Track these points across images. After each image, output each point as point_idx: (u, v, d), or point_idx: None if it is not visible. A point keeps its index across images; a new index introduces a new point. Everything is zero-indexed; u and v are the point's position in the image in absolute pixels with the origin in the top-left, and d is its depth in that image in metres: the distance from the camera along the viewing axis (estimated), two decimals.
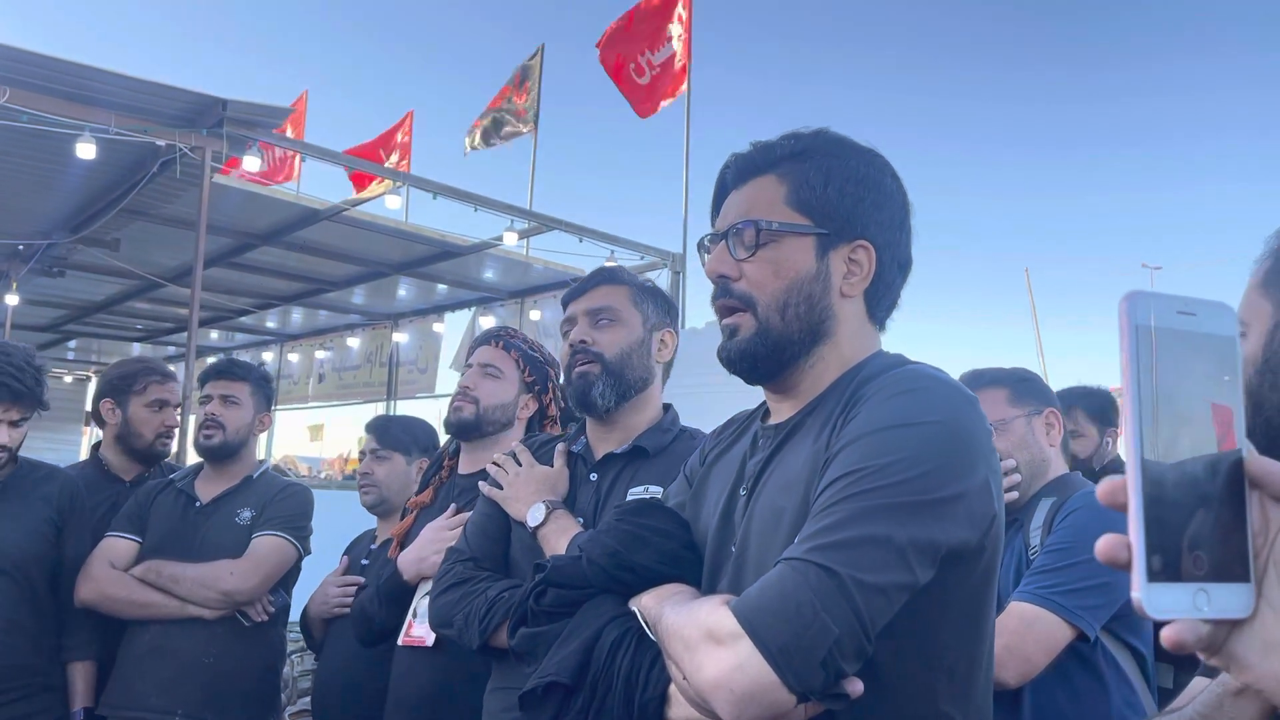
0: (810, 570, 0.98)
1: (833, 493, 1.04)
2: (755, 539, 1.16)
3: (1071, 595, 1.80)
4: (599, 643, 1.15)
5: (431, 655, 2.06)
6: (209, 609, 2.56)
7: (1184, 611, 0.55)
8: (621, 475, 1.80)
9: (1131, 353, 0.56)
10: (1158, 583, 0.54)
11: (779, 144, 1.26)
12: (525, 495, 1.78)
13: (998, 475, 1.12)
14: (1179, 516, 0.55)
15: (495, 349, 2.32)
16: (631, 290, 1.89)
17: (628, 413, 1.84)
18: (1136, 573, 0.54)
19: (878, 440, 1.06)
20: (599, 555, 1.24)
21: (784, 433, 1.22)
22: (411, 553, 2.21)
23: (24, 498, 2.58)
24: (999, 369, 2.23)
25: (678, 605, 1.11)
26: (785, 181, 1.23)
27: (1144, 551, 0.54)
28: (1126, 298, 0.57)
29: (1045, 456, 2.08)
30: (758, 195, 1.24)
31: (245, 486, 2.76)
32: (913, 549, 1.00)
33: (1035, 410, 2.10)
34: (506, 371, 2.30)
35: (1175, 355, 0.57)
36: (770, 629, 0.96)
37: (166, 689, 2.52)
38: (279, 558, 2.63)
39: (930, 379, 1.13)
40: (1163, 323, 0.58)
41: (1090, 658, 1.85)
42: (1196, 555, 0.55)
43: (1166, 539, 0.55)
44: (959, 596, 1.09)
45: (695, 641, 1.02)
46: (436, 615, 1.81)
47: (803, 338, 1.21)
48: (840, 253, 1.22)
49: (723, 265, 1.23)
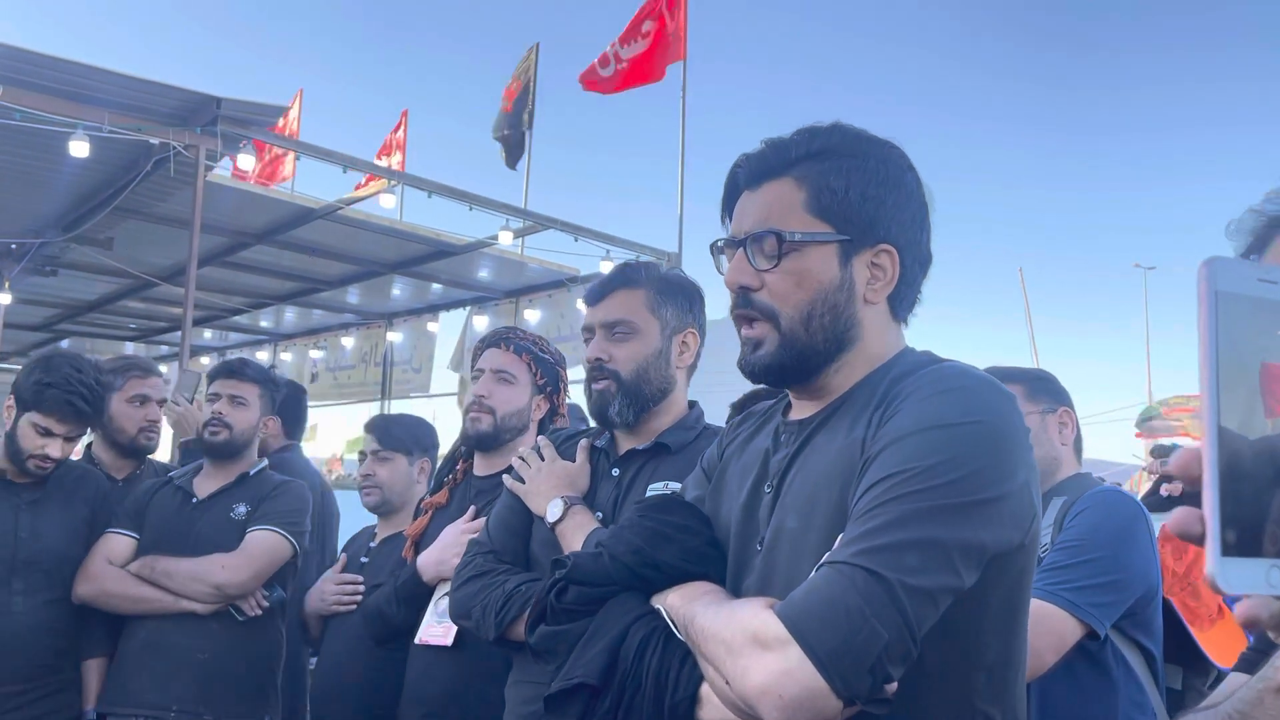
0: (858, 574, 0.96)
1: (876, 494, 1.02)
2: (786, 536, 1.14)
3: (1082, 592, 1.79)
4: (626, 642, 1.13)
5: (451, 653, 2.06)
6: (202, 603, 2.55)
7: (1257, 588, 0.53)
8: (643, 471, 1.79)
9: (1210, 319, 0.54)
10: (1231, 557, 0.53)
11: (794, 143, 1.21)
12: (545, 490, 1.78)
13: (1036, 474, 1.11)
14: (1256, 490, 0.54)
15: (505, 353, 2.28)
16: (649, 295, 1.84)
17: (650, 418, 1.84)
18: (1211, 547, 0.53)
19: (921, 441, 1.04)
20: (622, 552, 1.22)
21: (810, 429, 1.20)
22: (432, 554, 2.20)
23: (66, 499, 2.64)
24: (1016, 367, 2.25)
25: (711, 607, 1.09)
26: (804, 186, 1.19)
27: (1218, 525, 0.53)
28: (1206, 263, 0.55)
29: (1057, 455, 2.08)
30: (776, 201, 1.20)
31: (241, 483, 2.77)
32: (959, 552, 0.99)
33: (1049, 409, 2.11)
34: (519, 375, 2.27)
35: (1255, 323, 0.56)
36: (819, 634, 0.95)
37: (161, 685, 2.51)
38: (272, 553, 2.63)
39: (971, 377, 1.11)
40: (1243, 289, 0.56)
41: (1099, 656, 1.85)
42: (1273, 531, 0.54)
43: (1242, 513, 0.53)
44: (999, 595, 1.08)
45: (739, 646, 1.00)
46: (456, 606, 1.81)
47: (828, 348, 1.18)
48: (863, 258, 1.19)
49: (743, 275, 1.20)
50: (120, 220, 8.29)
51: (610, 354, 1.81)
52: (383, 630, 2.28)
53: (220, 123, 6.68)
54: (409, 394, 12.99)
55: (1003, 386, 1.12)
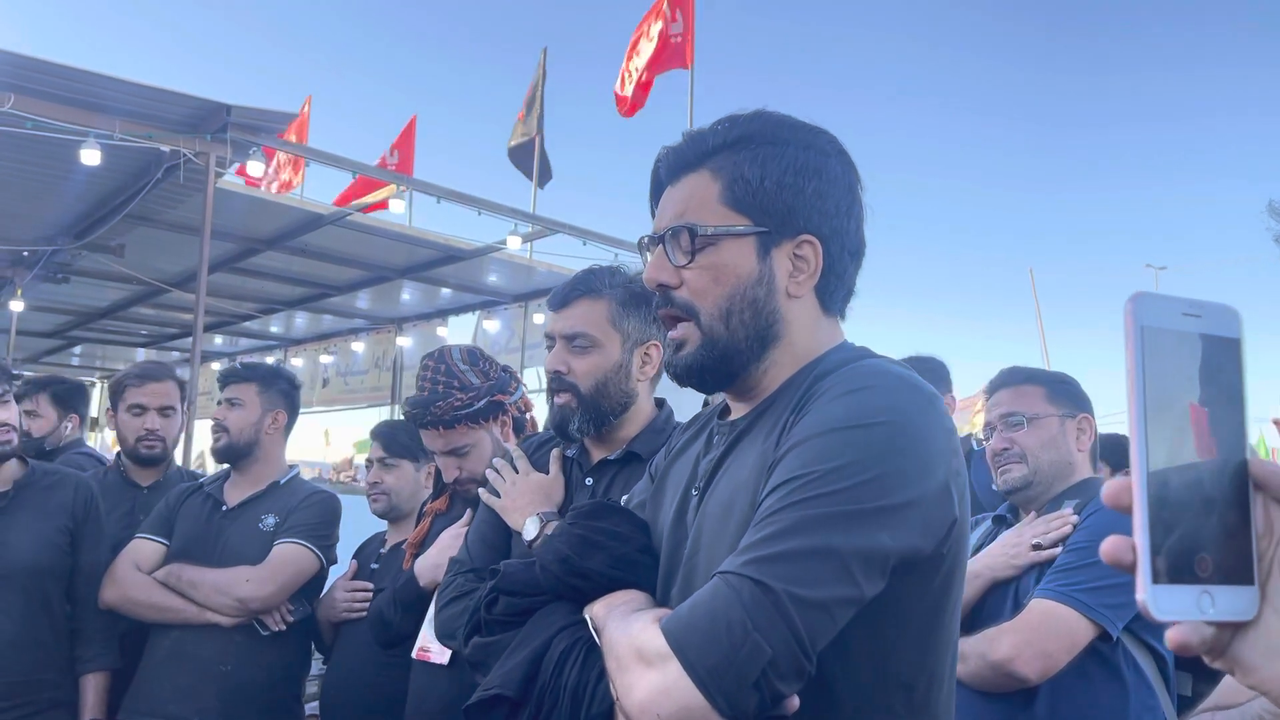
0: (745, 586, 0.92)
1: (774, 501, 0.98)
2: (705, 542, 1.10)
3: (1094, 593, 1.79)
4: (547, 654, 1.10)
5: (448, 673, 2.05)
6: (225, 616, 2.53)
7: (1188, 614, 0.55)
8: (616, 480, 1.78)
9: (1137, 354, 0.56)
10: (1162, 584, 0.54)
11: (711, 133, 1.17)
12: (522, 505, 1.76)
13: (960, 477, 1.04)
14: (1184, 519, 0.55)
15: (441, 434, 2.16)
16: (611, 306, 1.80)
17: (615, 429, 1.83)
18: (1141, 574, 0.54)
19: (822, 443, 0.99)
20: (550, 561, 1.19)
21: (738, 431, 1.17)
22: (429, 559, 2.20)
23: (37, 507, 2.54)
24: (1040, 369, 2.25)
25: (618, 618, 1.06)
26: (719, 177, 1.15)
27: (1149, 553, 0.54)
28: (1132, 299, 0.57)
29: (1071, 460, 2.07)
30: (691, 194, 1.16)
31: (271, 492, 2.74)
32: (857, 560, 0.93)
33: (1069, 414, 2.10)
34: (471, 439, 2.17)
35: (1180, 357, 0.57)
36: (699, 650, 0.91)
37: (184, 695, 2.50)
38: (298, 566, 2.59)
39: (884, 375, 1.06)
40: (1168, 324, 0.58)
41: (1111, 658, 1.84)
42: (1201, 558, 0.55)
43: (1171, 541, 0.55)
44: (916, 608, 1.03)
45: (627, 661, 0.98)
46: (441, 627, 1.80)
47: (750, 345, 1.14)
48: (784, 250, 1.14)
49: (661, 273, 1.16)
50: (131, 227, 8.34)
51: (570, 366, 1.79)
52: (385, 635, 2.28)
53: (230, 130, 6.70)
54: None
55: (924, 384, 1.07)
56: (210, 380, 16.63)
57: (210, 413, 2.85)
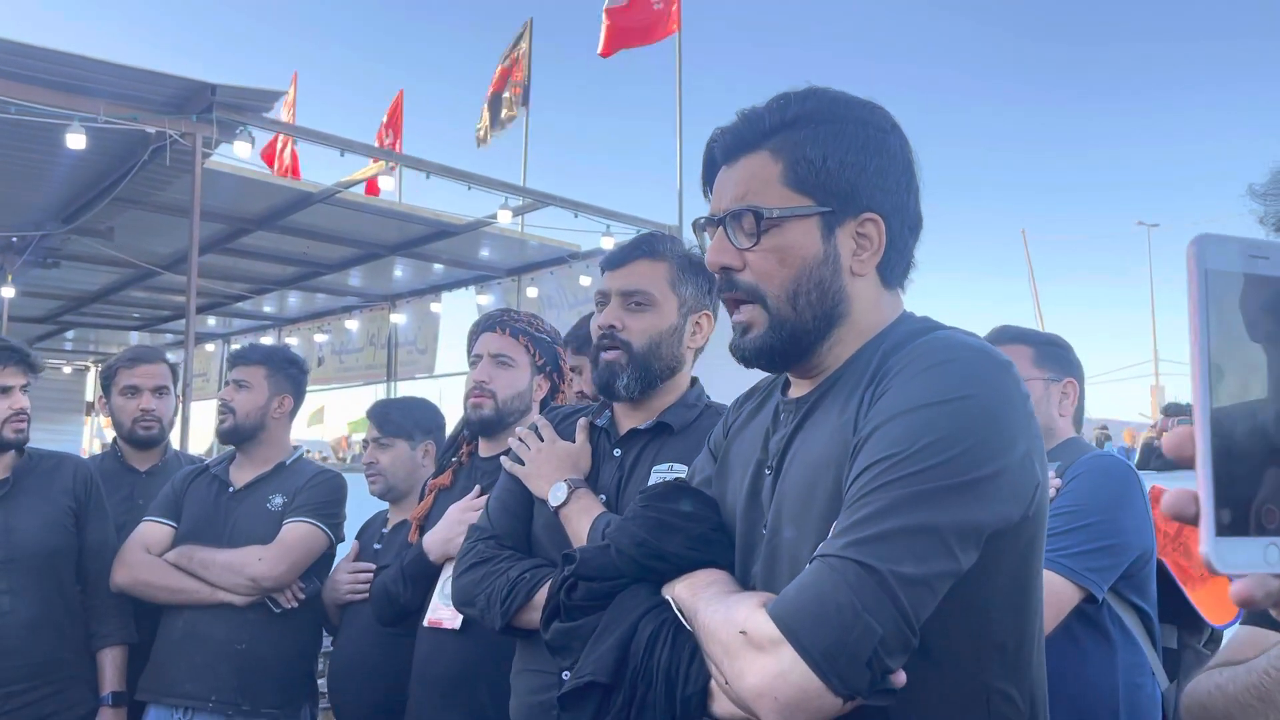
0: (849, 568, 0.94)
1: (866, 481, 0.99)
2: (787, 522, 1.11)
3: (1078, 557, 1.81)
4: (635, 638, 1.12)
5: (458, 637, 2.06)
6: (238, 595, 2.55)
7: (1255, 566, 0.53)
8: (645, 452, 1.77)
9: (1200, 300, 0.53)
10: (1226, 537, 0.52)
11: (768, 113, 1.16)
12: (547, 472, 1.75)
13: (1038, 440, 1.06)
14: (1249, 469, 0.53)
15: (502, 336, 2.27)
16: (671, 269, 1.79)
17: (654, 395, 1.81)
18: (1205, 527, 0.52)
19: (910, 421, 1.00)
20: (627, 545, 1.20)
21: (805, 407, 1.17)
22: (438, 533, 2.21)
23: (40, 490, 2.58)
24: (1029, 329, 2.23)
25: (713, 601, 1.08)
26: (780, 158, 1.14)
27: (1213, 505, 0.52)
28: (1195, 241, 0.54)
29: (1053, 424, 2.08)
30: (752, 176, 1.15)
31: (278, 473, 2.75)
32: (955, 534, 0.96)
33: (1054, 378, 2.11)
34: (517, 358, 2.26)
35: (1246, 302, 0.54)
36: (811, 634, 0.93)
37: (199, 675, 2.52)
38: (308, 545, 2.62)
39: (961, 348, 1.06)
40: (1233, 266, 0.55)
41: (1097, 619, 1.87)
42: (1268, 509, 0.53)
43: (1236, 492, 0.53)
44: (1006, 571, 1.05)
45: (734, 647, 0.99)
46: (459, 593, 1.79)
47: (818, 325, 1.14)
48: (847, 229, 1.14)
49: (724, 255, 1.16)
50: (120, 210, 8.31)
51: (624, 323, 1.76)
52: (389, 611, 2.28)
53: (216, 109, 6.67)
54: (414, 375, 13.03)
55: (998, 354, 1.07)
56: (205, 362, 16.64)
57: (207, 393, 2.86)
